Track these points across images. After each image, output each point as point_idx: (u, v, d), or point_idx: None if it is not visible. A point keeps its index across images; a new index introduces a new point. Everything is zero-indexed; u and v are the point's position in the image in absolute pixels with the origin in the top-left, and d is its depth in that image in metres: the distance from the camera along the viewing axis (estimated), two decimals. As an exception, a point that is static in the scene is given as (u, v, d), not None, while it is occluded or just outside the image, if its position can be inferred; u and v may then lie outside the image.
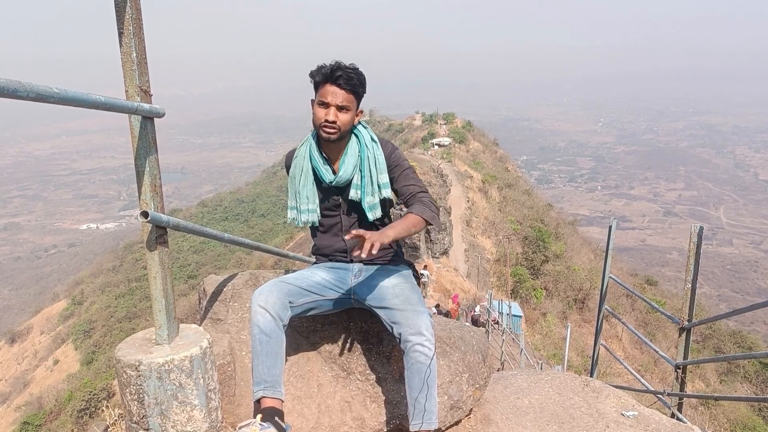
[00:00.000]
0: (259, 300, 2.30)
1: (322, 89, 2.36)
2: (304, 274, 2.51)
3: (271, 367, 2.29)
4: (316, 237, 2.66)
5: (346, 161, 2.48)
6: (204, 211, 74.18)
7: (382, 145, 2.52)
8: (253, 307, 2.30)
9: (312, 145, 2.53)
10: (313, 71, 2.38)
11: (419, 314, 2.32)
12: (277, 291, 2.33)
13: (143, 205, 1.93)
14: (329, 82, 2.34)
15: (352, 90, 2.36)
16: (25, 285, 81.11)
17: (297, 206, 2.55)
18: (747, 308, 3.59)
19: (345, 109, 2.38)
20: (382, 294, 2.44)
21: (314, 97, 2.41)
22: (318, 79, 2.37)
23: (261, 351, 2.28)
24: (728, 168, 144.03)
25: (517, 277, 28.82)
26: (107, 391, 26.36)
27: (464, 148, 59.96)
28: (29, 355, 48.64)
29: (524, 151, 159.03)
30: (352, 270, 2.57)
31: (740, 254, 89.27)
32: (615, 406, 3.06)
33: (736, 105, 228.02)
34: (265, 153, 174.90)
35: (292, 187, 2.57)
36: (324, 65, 2.37)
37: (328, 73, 2.34)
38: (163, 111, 1.93)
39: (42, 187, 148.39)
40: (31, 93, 1.28)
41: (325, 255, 2.63)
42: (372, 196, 2.49)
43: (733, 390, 25.15)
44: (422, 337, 2.27)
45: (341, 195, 2.54)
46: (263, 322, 2.28)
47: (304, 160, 2.54)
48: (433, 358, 2.28)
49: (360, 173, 2.50)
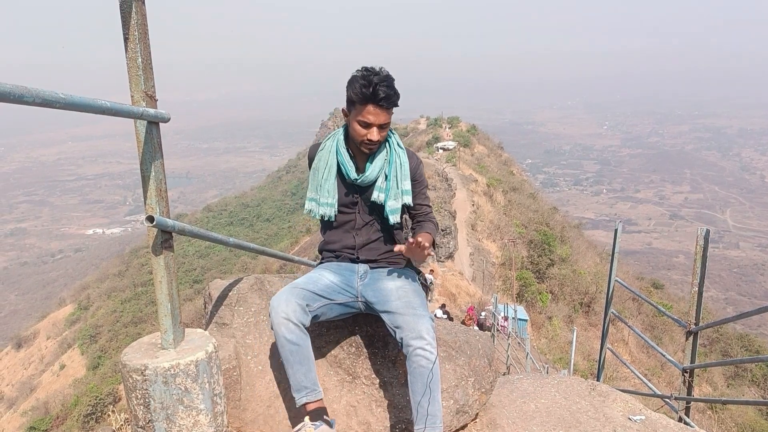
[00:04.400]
0: (279, 312, 2.30)
1: (364, 109, 2.34)
2: (313, 277, 2.50)
3: (306, 373, 2.37)
4: (326, 233, 2.66)
5: (374, 163, 2.51)
6: (209, 216, 74.40)
7: (409, 156, 2.57)
8: (276, 320, 2.31)
9: (340, 141, 2.54)
10: (355, 91, 2.33)
11: (420, 318, 2.33)
12: (294, 297, 2.34)
13: (149, 209, 1.93)
14: (371, 103, 2.32)
15: (393, 107, 2.38)
16: (31, 290, 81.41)
17: (317, 198, 2.56)
18: (754, 311, 3.57)
19: (385, 126, 2.41)
20: (385, 297, 2.45)
21: (351, 110, 2.40)
22: (359, 98, 2.33)
23: (294, 360, 2.33)
24: (734, 171, 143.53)
25: (523, 281, 28.75)
26: (113, 396, 26.41)
27: (469, 151, 59.91)
28: (36, 360, 48.78)
29: (529, 155, 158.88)
30: (357, 272, 2.57)
31: (747, 257, 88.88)
32: (622, 411, 3.04)
33: (742, 107, 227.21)
34: (270, 158, 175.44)
35: (314, 179, 2.57)
36: (364, 81, 2.31)
37: (371, 94, 2.29)
38: (169, 116, 1.94)
39: (48, 193, 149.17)
40: (37, 98, 1.28)
41: (333, 251, 2.64)
42: (395, 200, 2.51)
43: (740, 394, 25.01)
44: (423, 341, 2.28)
45: (361, 194, 2.56)
46: (289, 332, 2.30)
47: (330, 154, 2.54)
48: (435, 362, 2.28)
49: (385, 176, 2.52)
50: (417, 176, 2.58)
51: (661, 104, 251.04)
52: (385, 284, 2.50)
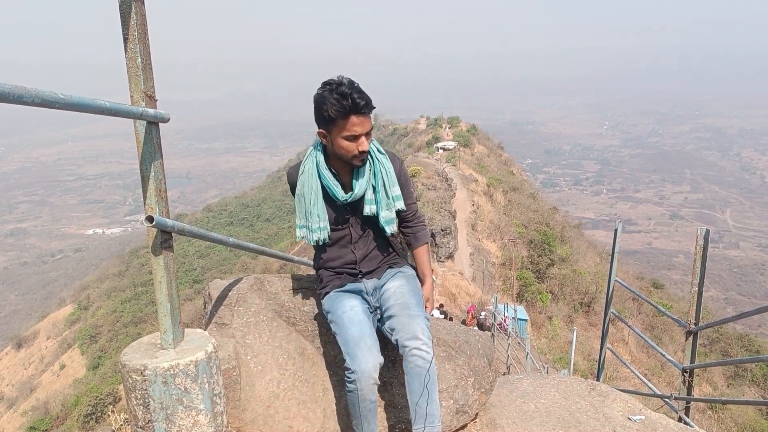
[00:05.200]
0: (368, 376, 2.23)
1: (348, 122, 2.23)
2: (353, 318, 2.39)
3: (371, 424, 2.36)
4: (322, 251, 2.59)
5: (361, 179, 2.44)
6: (209, 216, 74.36)
7: (391, 160, 2.50)
8: (363, 379, 2.22)
9: (320, 162, 2.43)
10: (333, 107, 2.22)
11: (414, 318, 2.33)
12: (371, 356, 2.26)
13: (148, 209, 1.94)
14: (354, 114, 2.23)
15: (371, 112, 2.32)
16: (31, 290, 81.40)
17: (308, 225, 2.46)
18: (754, 311, 3.57)
19: (370, 132, 2.35)
20: (385, 300, 2.47)
21: (331, 129, 2.29)
22: (339, 113, 2.23)
23: (366, 415, 2.31)
24: (734, 171, 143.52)
25: (523, 281, 28.74)
26: (113, 396, 26.40)
27: (469, 151, 59.88)
28: (36, 360, 48.78)
29: (529, 155, 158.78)
30: (366, 290, 2.54)
31: (747, 257, 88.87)
32: (622, 410, 3.04)
33: (742, 107, 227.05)
34: (270, 157, 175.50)
35: (301, 206, 2.47)
36: (337, 95, 2.21)
37: (351, 105, 2.20)
38: (168, 116, 1.93)
39: (48, 193, 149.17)
40: (36, 99, 1.28)
41: (333, 268, 2.57)
42: (388, 210, 2.47)
43: (740, 394, 25.01)
44: (418, 341, 2.29)
45: (352, 211, 2.50)
46: (373, 394, 2.27)
47: (312, 177, 2.43)
48: (431, 362, 2.29)
49: (373, 188, 2.46)
50: (402, 177, 2.52)
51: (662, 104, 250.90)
52: (386, 289, 2.51)
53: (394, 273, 2.58)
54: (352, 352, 2.26)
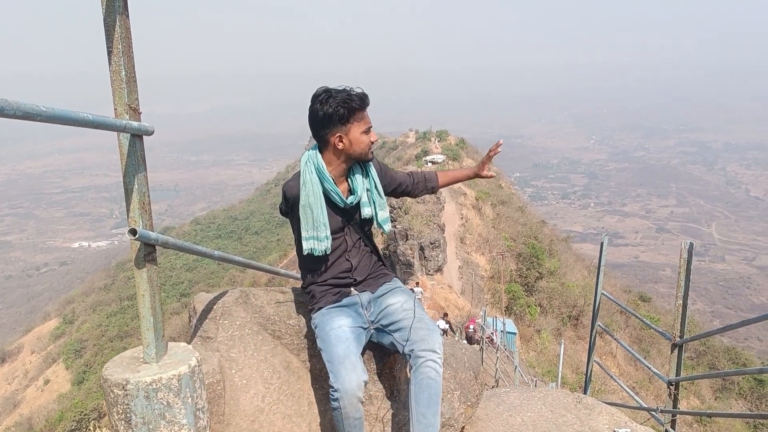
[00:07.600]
0: (350, 394, 2.21)
1: (361, 116, 2.40)
2: (340, 336, 2.37)
3: None
4: (312, 265, 2.56)
5: (357, 180, 2.48)
6: (197, 229, 73.99)
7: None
8: (347, 398, 2.21)
9: (321, 169, 2.44)
10: (344, 105, 2.35)
11: (433, 333, 2.39)
12: (355, 374, 2.25)
13: (132, 222, 1.93)
14: (362, 109, 2.40)
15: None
16: (16, 304, 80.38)
17: (316, 235, 2.43)
18: (739, 324, 3.60)
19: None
20: (393, 316, 2.46)
21: (349, 128, 2.39)
22: (354, 108, 2.37)
23: (351, 431, 2.30)
24: (720, 185, 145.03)
25: (512, 294, 28.80)
26: (98, 411, 26.02)
27: (458, 165, 60.04)
28: (20, 374, 48.11)
29: (517, 168, 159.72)
30: (361, 303, 2.53)
31: (733, 270, 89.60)
32: (608, 423, 3.05)
33: (727, 122, 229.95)
34: (258, 170, 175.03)
35: (308, 217, 2.42)
36: (344, 94, 2.36)
37: (359, 100, 2.37)
38: (152, 129, 1.93)
39: (34, 205, 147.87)
40: (18, 111, 1.27)
41: (325, 281, 2.55)
42: (383, 210, 2.53)
43: (728, 407, 25.13)
44: (435, 354, 2.33)
45: (348, 216, 2.51)
46: (357, 411, 2.26)
47: (315, 185, 2.43)
48: (441, 375, 2.34)
49: (367, 190, 2.51)
50: (383, 169, 2.62)
51: (648, 118, 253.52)
52: (389, 304, 2.50)
53: (391, 288, 2.59)
54: (336, 370, 2.26)
